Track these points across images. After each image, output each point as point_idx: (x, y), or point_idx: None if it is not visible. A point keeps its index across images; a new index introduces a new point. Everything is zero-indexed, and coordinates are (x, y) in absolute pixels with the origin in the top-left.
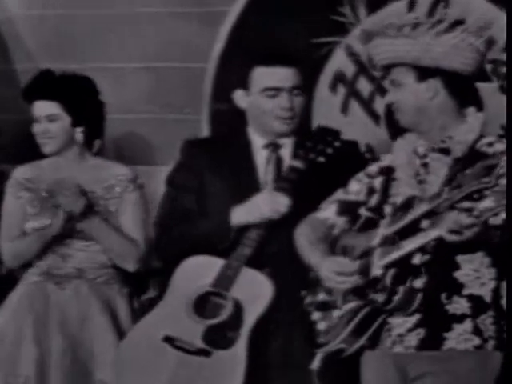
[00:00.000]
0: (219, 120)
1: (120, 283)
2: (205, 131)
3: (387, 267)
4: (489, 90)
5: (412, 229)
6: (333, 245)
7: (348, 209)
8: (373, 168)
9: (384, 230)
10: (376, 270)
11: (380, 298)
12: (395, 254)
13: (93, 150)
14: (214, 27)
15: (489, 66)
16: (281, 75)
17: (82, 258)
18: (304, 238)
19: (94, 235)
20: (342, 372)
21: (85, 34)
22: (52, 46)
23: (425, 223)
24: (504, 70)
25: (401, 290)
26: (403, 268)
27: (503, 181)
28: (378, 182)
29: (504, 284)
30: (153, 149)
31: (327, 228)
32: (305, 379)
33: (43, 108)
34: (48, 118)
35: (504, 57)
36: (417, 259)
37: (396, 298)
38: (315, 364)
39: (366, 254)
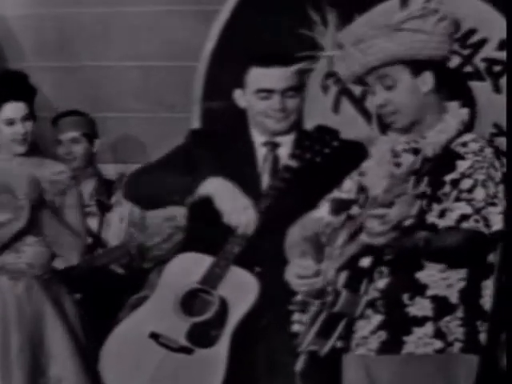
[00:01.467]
0: (210, 118)
1: (60, 281)
2: None
3: (339, 270)
4: (482, 88)
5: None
6: (323, 244)
7: (341, 207)
8: (364, 165)
9: (345, 232)
10: (330, 273)
11: (328, 299)
12: (343, 259)
13: (94, 150)
14: (206, 26)
15: (482, 65)
16: (274, 77)
17: (32, 253)
18: (291, 237)
19: (43, 227)
20: (324, 374)
21: (77, 32)
22: (45, 44)
23: None
24: (497, 68)
25: (343, 294)
26: (354, 271)
27: (478, 176)
28: (365, 180)
29: (487, 283)
30: (144, 147)
31: (322, 227)
32: (290, 380)
33: (19, 109)
34: (23, 118)
35: (497, 55)
36: (365, 262)
37: (339, 300)
38: (298, 365)
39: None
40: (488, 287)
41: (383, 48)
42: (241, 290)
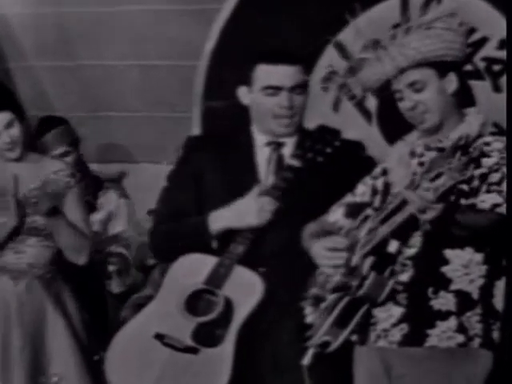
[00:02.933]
0: (210, 117)
1: (62, 280)
2: (196, 129)
3: (365, 256)
4: (482, 88)
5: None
6: None
7: (355, 210)
8: (377, 170)
9: (370, 223)
10: (355, 259)
11: (354, 283)
12: (373, 242)
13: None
14: (206, 25)
15: (482, 64)
16: (282, 74)
17: (33, 253)
18: (309, 231)
19: (56, 231)
20: (332, 368)
21: (77, 31)
22: (45, 43)
23: None
24: (497, 67)
25: (371, 275)
26: (380, 256)
27: (505, 170)
28: (380, 183)
29: (499, 283)
30: (144, 146)
31: (335, 229)
32: (296, 380)
33: (1, 119)
34: (7, 126)
35: (497, 54)
36: (392, 247)
37: (366, 282)
38: (306, 360)
39: (353, 246)
40: (500, 287)
41: (415, 47)
42: (245, 290)
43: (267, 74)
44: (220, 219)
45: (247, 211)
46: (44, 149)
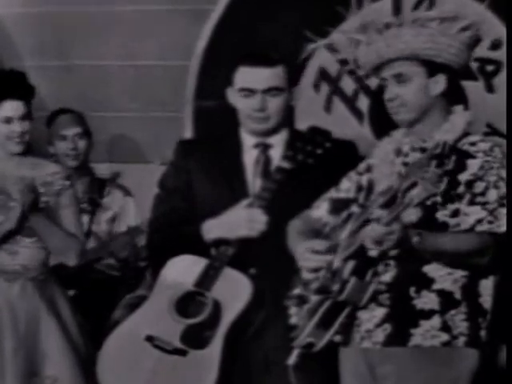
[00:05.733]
0: (203, 117)
1: (56, 282)
2: (188, 129)
3: (346, 259)
4: (475, 88)
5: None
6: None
7: (339, 206)
8: (362, 165)
9: (352, 224)
10: (336, 263)
11: (335, 287)
12: (354, 246)
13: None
14: (199, 25)
15: (475, 65)
16: (257, 76)
17: (27, 255)
18: (293, 229)
19: (39, 230)
20: (318, 368)
21: (70, 31)
22: (38, 43)
23: None
24: (490, 68)
25: (352, 280)
26: (361, 260)
27: (490, 177)
28: (364, 179)
29: (485, 283)
30: (136, 146)
31: (320, 226)
32: (285, 381)
33: (17, 108)
34: (21, 117)
35: (490, 55)
36: (374, 251)
37: (347, 288)
38: (292, 360)
39: (334, 248)
40: (487, 287)
41: (406, 41)
42: (233, 292)
43: (244, 75)
44: (213, 230)
45: (238, 223)
46: (56, 131)
